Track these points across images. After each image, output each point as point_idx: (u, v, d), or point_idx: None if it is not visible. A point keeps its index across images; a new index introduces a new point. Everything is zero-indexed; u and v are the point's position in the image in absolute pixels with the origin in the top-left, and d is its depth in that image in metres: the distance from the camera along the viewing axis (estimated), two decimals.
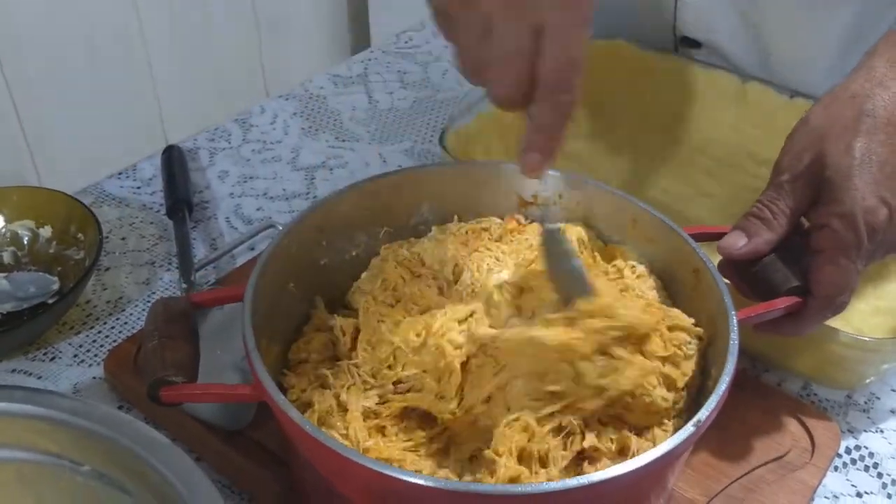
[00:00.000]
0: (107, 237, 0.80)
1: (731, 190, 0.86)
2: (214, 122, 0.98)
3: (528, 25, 0.45)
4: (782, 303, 0.57)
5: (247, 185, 0.89)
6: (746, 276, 0.59)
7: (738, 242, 0.58)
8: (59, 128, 0.85)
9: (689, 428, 0.46)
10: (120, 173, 0.90)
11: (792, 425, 0.64)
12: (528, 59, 0.45)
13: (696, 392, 0.55)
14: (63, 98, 0.84)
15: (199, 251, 0.80)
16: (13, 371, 0.69)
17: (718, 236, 0.62)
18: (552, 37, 0.45)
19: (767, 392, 0.67)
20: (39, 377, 0.68)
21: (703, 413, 0.47)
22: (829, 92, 0.60)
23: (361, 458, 0.45)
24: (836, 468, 0.63)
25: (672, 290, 0.61)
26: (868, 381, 0.68)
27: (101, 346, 0.71)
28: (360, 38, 1.18)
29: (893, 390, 0.69)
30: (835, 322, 0.63)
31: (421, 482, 0.44)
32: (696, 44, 0.94)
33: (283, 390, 0.56)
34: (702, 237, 0.61)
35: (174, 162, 0.87)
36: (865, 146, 0.56)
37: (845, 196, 0.55)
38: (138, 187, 0.88)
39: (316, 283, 0.62)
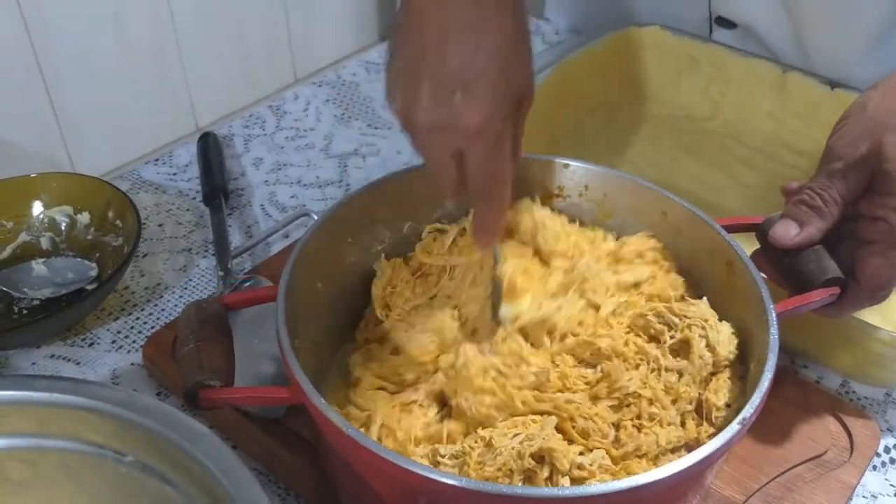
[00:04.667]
0: (144, 223, 0.80)
1: (768, 180, 0.85)
2: (242, 104, 0.98)
3: (449, 150, 0.51)
4: (819, 295, 0.56)
5: (281, 173, 0.89)
6: (780, 266, 0.58)
7: (790, 232, 0.57)
8: (90, 111, 0.86)
9: (734, 426, 0.46)
10: (157, 159, 0.90)
11: (830, 423, 0.63)
12: (451, 175, 0.52)
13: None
14: (93, 81, 0.85)
15: (235, 238, 0.81)
16: (52, 357, 0.69)
17: (751, 227, 0.60)
18: (470, 162, 0.51)
19: (806, 389, 0.66)
20: (78, 363, 0.69)
21: (748, 410, 0.47)
22: (887, 79, 0.58)
23: (400, 460, 0.45)
24: (874, 467, 0.63)
25: (700, 283, 0.61)
26: None
27: (140, 332, 0.72)
28: (388, 19, 1.17)
29: None
30: (875, 319, 0.62)
31: (456, 483, 0.44)
32: (731, 24, 0.93)
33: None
34: (734, 228, 0.60)
35: (210, 149, 0.88)
36: None
37: None
38: (174, 174, 0.89)
39: (343, 281, 0.62)
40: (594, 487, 0.43)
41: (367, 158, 0.92)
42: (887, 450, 0.64)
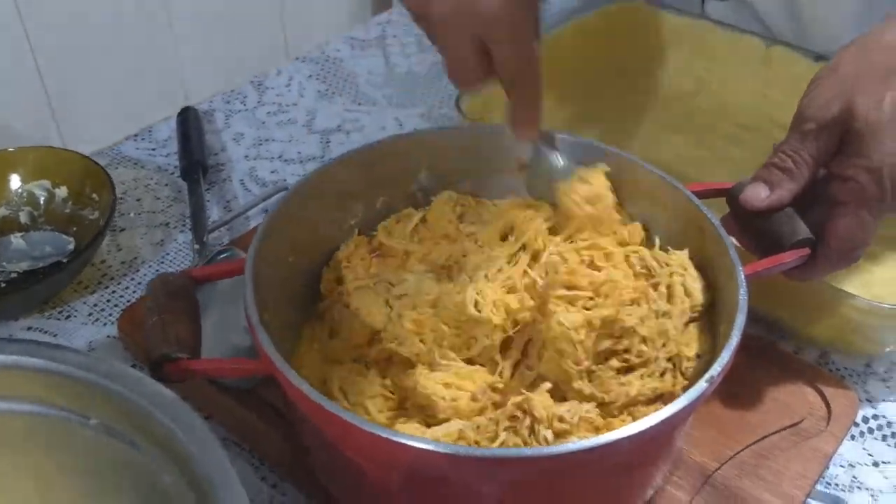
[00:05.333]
0: (122, 198, 0.80)
1: (754, 155, 0.84)
2: (236, 84, 0.98)
3: (471, 36, 0.49)
4: (789, 256, 0.55)
5: (262, 148, 0.89)
6: (750, 229, 0.58)
7: (760, 194, 0.56)
8: (81, 88, 0.85)
9: (701, 384, 0.45)
10: (136, 135, 0.90)
11: (808, 393, 0.63)
12: (474, 62, 0.51)
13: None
14: (85, 59, 0.85)
15: (214, 213, 0.80)
16: (29, 329, 0.69)
17: (722, 193, 0.60)
18: (495, 50, 0.50)
19: (784, 359, 0.65)
20: (55, 335, 0.69)
21: (716, 369, 0.46)
22: (859, 39, 0.57)
23: (380, 430, 0.45)
24: (852, 437, 0.62)
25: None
26: (888, 349, 0.66)
27: (116, 305, 0.71)
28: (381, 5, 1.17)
29: None
30: (854, 288, 0.62)
31: (425, 446, 0.44)
32: None
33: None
34: (706, 194, 0.60)
35: (190, 124, 0.87)
36: None
37: (873, 151, 0.53)
38: (153, 149, 0.88)
39: (316, 256, 0.61)
40: (557, 448, 0.43)
41: (350, 134, 0.91)
42: (866, 419, 0.64)
